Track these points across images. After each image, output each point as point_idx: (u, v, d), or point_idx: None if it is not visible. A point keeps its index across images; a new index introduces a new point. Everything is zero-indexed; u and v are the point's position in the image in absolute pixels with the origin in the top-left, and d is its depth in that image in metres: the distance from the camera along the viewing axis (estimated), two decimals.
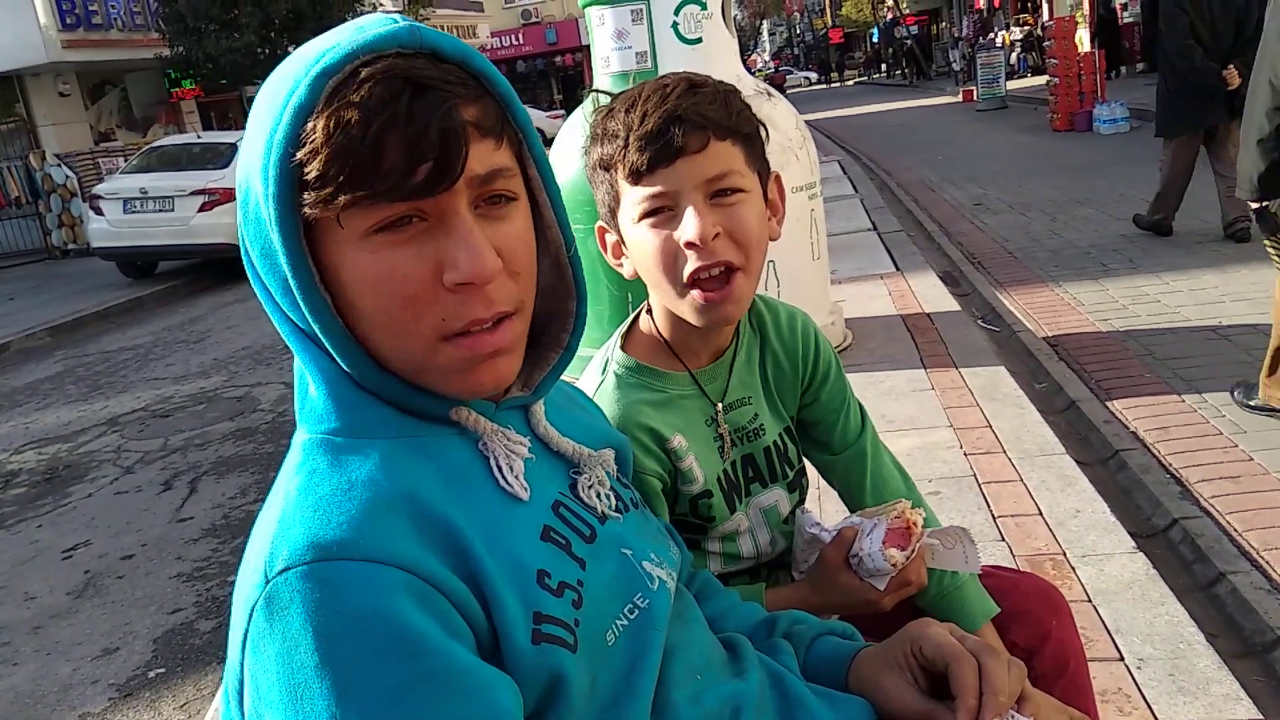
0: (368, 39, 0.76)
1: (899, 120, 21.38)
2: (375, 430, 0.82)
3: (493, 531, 0.80)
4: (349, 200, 0.74)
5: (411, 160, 0.74)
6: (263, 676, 0.70)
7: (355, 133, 0.73)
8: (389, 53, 0.76)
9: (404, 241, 0.77)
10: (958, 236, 7.92)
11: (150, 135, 18.37)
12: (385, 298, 0.77)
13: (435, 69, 0.77)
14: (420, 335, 0.79)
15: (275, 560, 0.72)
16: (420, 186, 0.75)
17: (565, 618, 0.81)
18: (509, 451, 0.87)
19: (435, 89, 0.75)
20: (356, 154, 0.73)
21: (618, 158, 1.15)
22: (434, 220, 0.77)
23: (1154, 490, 3.19)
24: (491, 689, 0.72)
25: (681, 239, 1.13)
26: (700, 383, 1.29)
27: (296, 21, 17.66)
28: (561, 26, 36.54)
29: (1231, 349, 4.44)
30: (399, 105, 0.73)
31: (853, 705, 0.99)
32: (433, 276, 0.77)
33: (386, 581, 0.70)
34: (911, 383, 4.24)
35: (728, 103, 1.15)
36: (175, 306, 10.51)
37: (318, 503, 0.75)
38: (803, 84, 58.56)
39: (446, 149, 0.75)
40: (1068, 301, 5.61)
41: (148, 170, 11.60)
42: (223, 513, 4.37)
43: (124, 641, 3.32)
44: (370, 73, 0.74)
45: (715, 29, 4.08)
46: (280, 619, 0.69)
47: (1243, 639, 2.46)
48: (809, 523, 1.33)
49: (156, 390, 6.79)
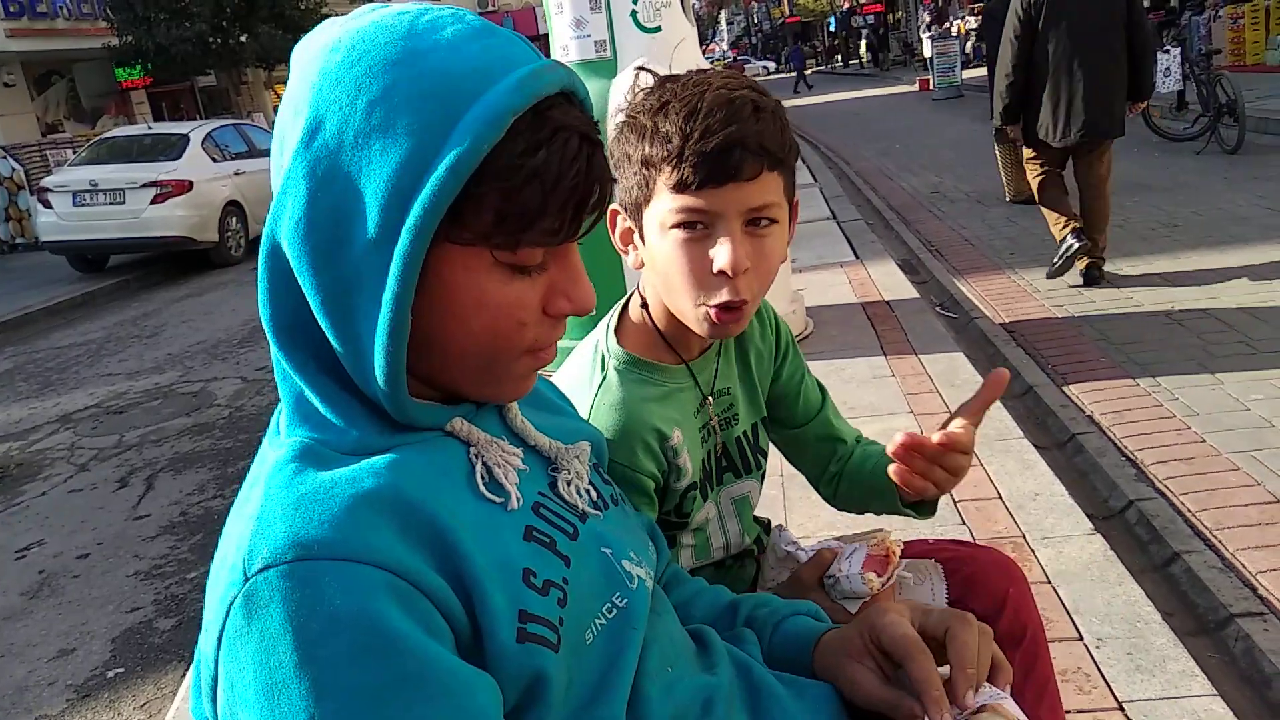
0: (547, 79, 0.77)
1: (855, 109, 21.51)
2: (369, 444, 0.80)
3: (480, 529, 0.80)
4: (539, 238, 0.78)
5: (583, 207, 0.79)
6: (239, 675, 0.68)
7: (547, 184, 0.76)
8: (555, 93, 0.78)
9: (524, 274, 0.81)
10: (916, 225, 7.99)
11: (99, 126, 18.04)
12: (502, 321, 0.81)
13: (586, 118, 0.81)
14: (514, 351, 0.83)
15: (255, 558, 0.70)
16: (573, 230, 0.80)
17: (550, 616, 0.80)
18: (504, 461, 0.87)
19: (599, 142, 0.80)
20: (534, 204, 0.76)
21: (666, 163, 1.11)
22: (547, 258, 0.82)
23: (1110, 473, 3.24)
24: (471, 690, 0.71)
25: (715, 265, 1.11)
26: (694, 374, 1.29)
27: (249, 9, 17.40)
28: (519, 15, 36.33)
29: (1184, 333, 4.53)
30: (593, 158, 0.79)
31: (819, 691, 0.99)
32: (539, 304, 0.83)
33: (368, 582, 0.69)
34: (872, 369, 4.27)
35: (784, 131, 1.13)
36: (128, 301, 10.33)
37: (300, 500, 0.73)
38: (761, 73, 58.70)
39: (599, 198, 0.81)
40: (1024, 288, 5.68)
41: (98, 162, 11.40)
42: (180, 509, 4.31)
43: (81, 642, 3.26)
44: (557, 124, 0.77)
45: (675, 17, 4.08)
46: (259, 618, 0.68)
47: (1197, 617, 2.52)
48: (785, 541, 1.33)
49: (110, 386, 6.68)
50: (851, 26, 40.58)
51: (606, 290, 1.28)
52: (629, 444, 1.19)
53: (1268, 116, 9.57)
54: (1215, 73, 9.34)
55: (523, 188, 0.74)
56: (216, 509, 4.25)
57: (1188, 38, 12.41)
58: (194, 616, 3.32)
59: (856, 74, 35.49)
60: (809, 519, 2.94)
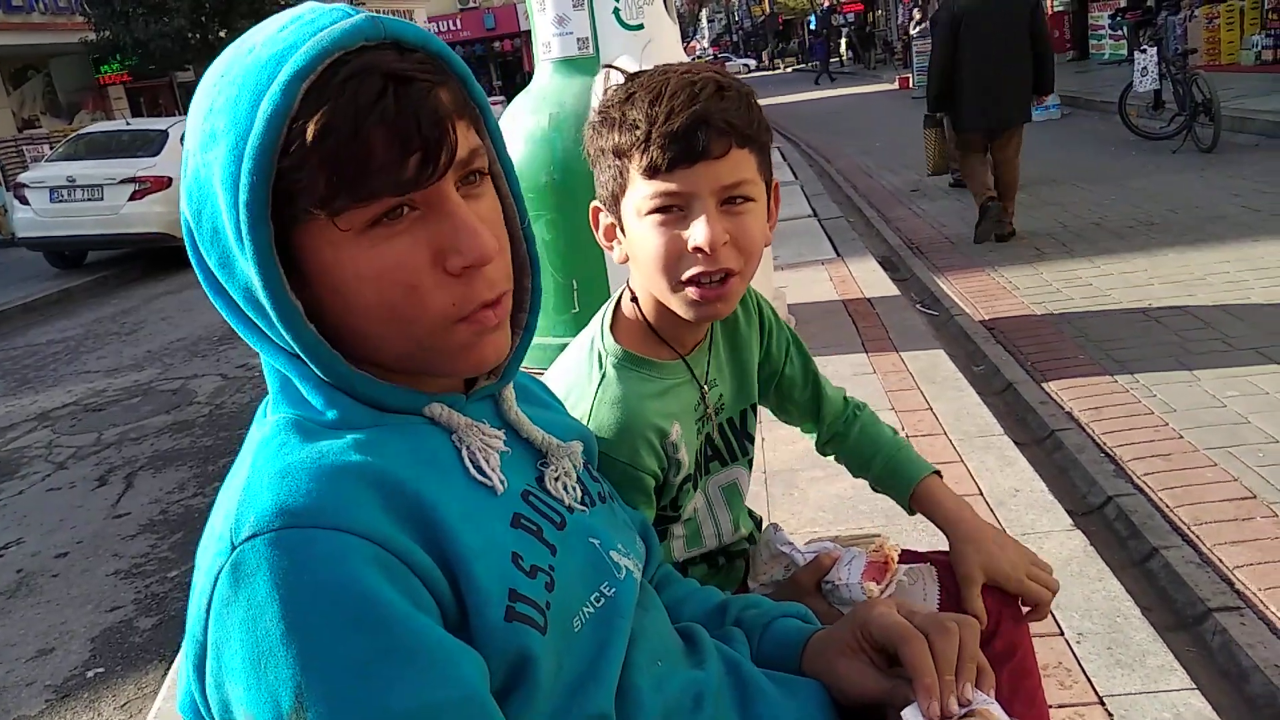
0: (335, 35, 0.75)
1: (835, 107, 21.55)
2: (352, 421, 0.81)
3: (466, 512, 0.80)
4: (347, 203, 0.74)
5: (403, 154, 0.74)
6: (225, 644, 0.69)
7: (346, 135, 0.73)
8: (355, 47, 0.75)
9: (400, 233, 0.77)
10: (896, 222, 8.03)
11: (76, 122, 17.88)
12: (388, 290, 0.77)
13: (405, 59, 0.76)
14: (430, 320, 0.79)
15: (242, 526, 0.71)
16: (413, 179, 0.75)
17: (538, 599, 0.81)
18: (485, 445, 0.87)
19: (414, 80, 0.75)
20: (350, 156, 0.73)
21: (636, 149, 1.13)
22: (425, 208, 0.78)
23: (1089, 469, 3.27)
24: (457, 663, 0.72)
25: (691, 243, 1.12)
26: (691, 367, 1.30)
27: (229, 5, 17.29)
28: (500, 12, 36.19)
29: (1161, 330, 4.57)
30: (385, 102, 0.73)
31: (807, 689, 1.00)
32: (431, 263, 0.78)
33: (355, 552, 0.70)
34: (853, 367, 4.29)
35: (751, 109, 1.14)
36: (106, 298, 10.24)
37: (286, 469, 0.74)
38: (742, 71, 58.74)
39: (434, 138, 0.75)
40: (1003, 286, 5.72)
41: (75, 158, 11.28)
42: (160, 508, 4.28)
43: (60, 641, 3.24)
44: (349, 71, 0.74)
45: (657, 15, 4.07)
46: (246, 586, 0.68)
47: (1175, 612, 2.54)
48: (780, 540, 1.34)
49: (88, 384, 6.62)
50: (832, 25, 40.61)
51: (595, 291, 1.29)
52: (631, 442, 1.19)
53: (1243, 115, 9.65)
54: (1191, 72, 9.40)
55: (333, 145, 0.73)
56: (197, 507, 4.22)
57: (1164, 37, 12.48)
58: (175, 615, 3.30)
59: (837, 71, 35.56)
60: (791, 515, 2.96)
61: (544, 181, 3.84)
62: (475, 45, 37.89)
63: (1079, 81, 15.97)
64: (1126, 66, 13.23)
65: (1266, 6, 14.18)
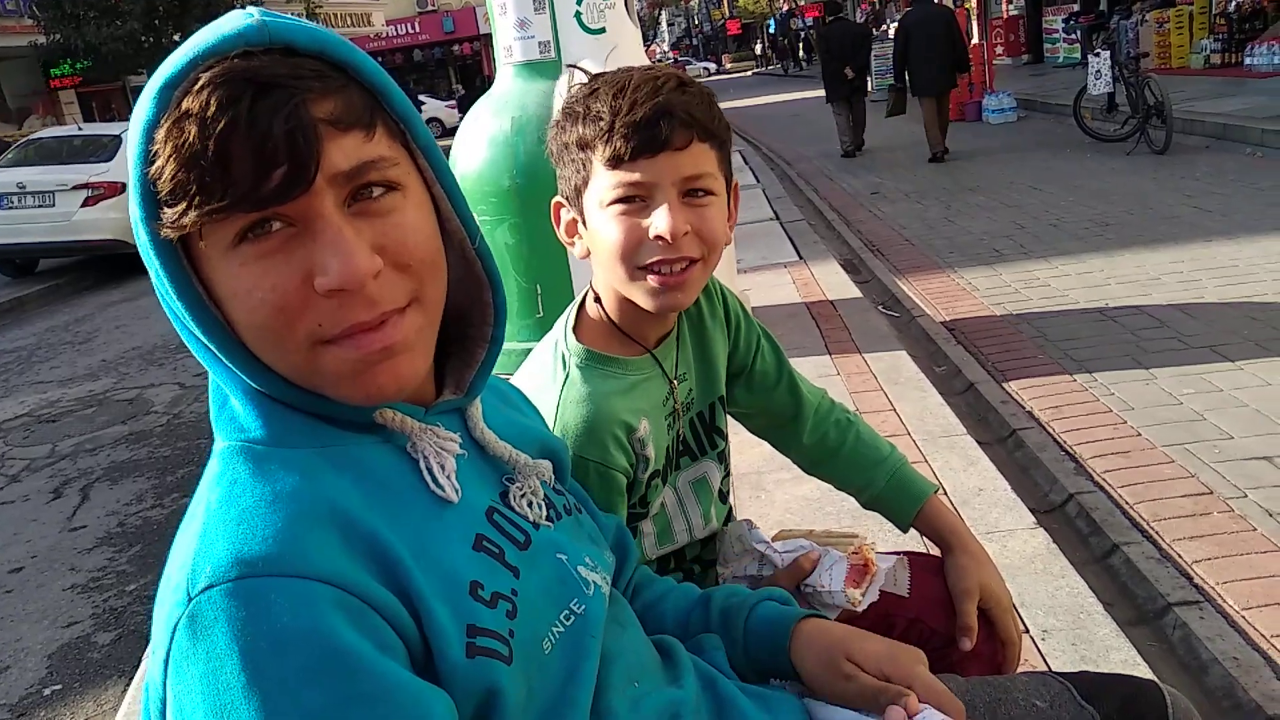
0: (211, 42, 0.72)
1: (796, 110, 21.67)
2: (297, 440, 0.79)
3: (422, 543, 0.78)
4: (201, 215, 0.70)
5: (261, 166, 0.70)
6: (186, 698, 0.67)
7: (195, 143, 0.69)
8: (232, 54, 0.71)
9: (271, 251, 0.73)
10: (857, 225, 8.09)
11: (26, 127, 17.54)
12: (257, 310, 0.73)
13: (284, 65, 0.72)
14: (295, 343, 0.75)
15: (198, 577, 0.69)
16: (275, 192, 0.70)
17: (499, 629, 0.79)
18: (439, 449, 0.85)
19: (280, 87, 0.71)
20: (200, 166, 0.69)
21: (599, 139, 1.14)
22: (300, 225, 0.73)
23: (1050, 467, 3.31)
24: (425, 705, 0.70)
25: (652, 231, 1.13)
26: (660, 361, 1.30)
27: (182, 8, 17.06)
28: (459, 15, 36.07)
29: (1118, 329, 4.64)
30: (239, 109, 0.69)
31: (784, 704, 1.01)
32: (303, 283, 0.73)
33: (316, 598, 0.68)
34: (817, 369, 4.31)
35: (712, 106, 1.17)
36: (59, 306, 10.05)
37: (241, 515, 0.72)
38: (702, 74, 59.00)
39: (296, 150, 0.70)
40: (963, 287, 5.78)
41: (25, 164, 11.06)
42: (118, 520, 4.21)
43: (15, 659, 3.17)
44: (209, 78, 0.70)
45: (618, 19, 4.07)
46: (204, 639, 0.66)
47: (1137, 606, 2.58)
48: (755, 538, 1.34)
49: (41, 394, 6.50)
50: (791, 29, 40.91)
51: (562, 292, 1.28)
52: (600, 439, 1.19)
53: (1193, 118, 9.84)
54: (1144, 75, 9.58)
55: (185, 156, 0.70)
56: (155, 519, 4.15)
57: (1117, 41, 12.70)
58: (135, 629, 3.24)
59: (797, 76, 35.81)
60: (759, 517, 2.94)
61: (506, 186, 3.82)
62: (434, 49, 37.74)
63: (1034, 84, 16.20)
64: (1081, 70, 13.44)
65: (1214, 11, 14.47)
